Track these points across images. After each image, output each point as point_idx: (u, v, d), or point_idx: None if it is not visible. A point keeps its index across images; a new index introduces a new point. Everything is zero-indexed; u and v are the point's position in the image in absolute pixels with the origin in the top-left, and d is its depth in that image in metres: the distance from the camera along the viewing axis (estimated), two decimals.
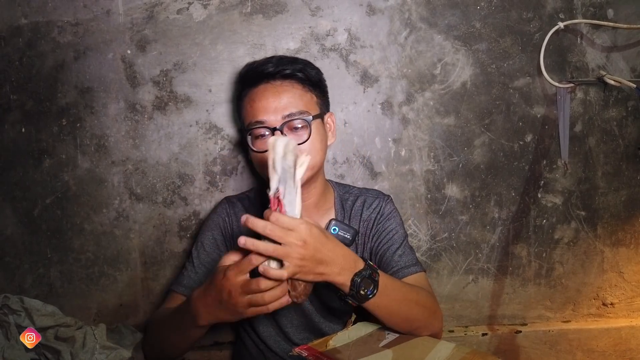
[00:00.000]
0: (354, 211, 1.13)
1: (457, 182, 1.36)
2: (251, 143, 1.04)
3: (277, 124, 1.00)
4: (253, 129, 1.03)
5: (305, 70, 1.05)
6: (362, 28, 1.30)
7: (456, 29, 1.32)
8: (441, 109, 1.34)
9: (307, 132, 1.02)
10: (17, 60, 1.24)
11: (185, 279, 1.10)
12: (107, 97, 1.27)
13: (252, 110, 1.03)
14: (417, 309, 0.95)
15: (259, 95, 1.03)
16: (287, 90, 1.02)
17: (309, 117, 1.02)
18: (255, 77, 1.05)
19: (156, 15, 1.26)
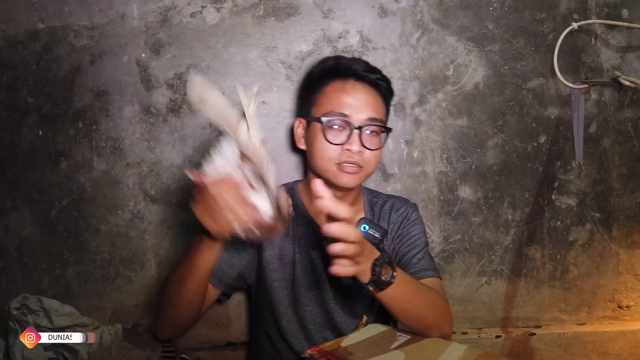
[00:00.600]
0: (382, 213, 1.15)
1: (470, 184, 1.36)
2: (325, 131, 1.04)
3: (360, 123, 1.03)
4: (332, 119, 1.03)
5: (388, 83, 1.10)
6: (374, 30, 1.31)
7: (469, 30, 1.32)
8: (454, 110, 1.33)
9: (379, 141, 1.06)
10: (35, 64, 1.27)
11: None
12: (122, 100, 1.29)
13: (337, 101, 1.04)
14: (430, 307, 0.96)
15: (348, 89, 1.05)
16: (374, 95, 1.06)
17: (388, 128, 1.08)
18: (346, 71, 1.06)
19: (170, 18, 1.27)
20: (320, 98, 1.08)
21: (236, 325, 1.36)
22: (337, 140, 1.03)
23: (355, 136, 1.02)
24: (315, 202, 0.74)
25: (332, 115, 1.04)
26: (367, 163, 1.05)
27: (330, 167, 1.05)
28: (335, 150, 1.04)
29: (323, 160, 1.05)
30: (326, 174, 1.06)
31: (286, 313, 1.12)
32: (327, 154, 1.04)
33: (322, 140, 1.04)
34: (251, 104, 0.82)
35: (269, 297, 1.12)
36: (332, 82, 1.07)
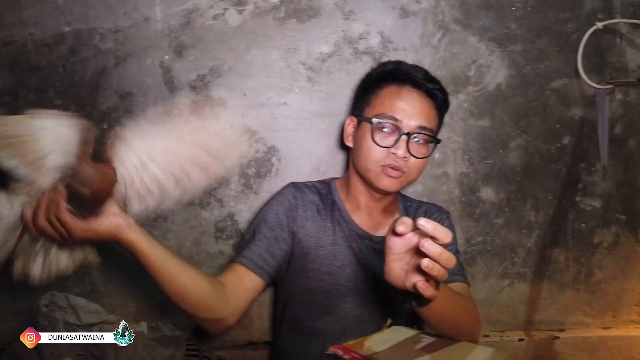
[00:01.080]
0: (417, 216, 1.15)
1: (492, 185, 1.35)
2: (373, 132, 1.05)
3: (410, 129, 1.04)
4: (383, 122, 1.05)
5: (445, 95, 1.10)
6: (395, 31, 1.31)
7: (491, 30, 1.31)
8: (475, 111, 1.32)
9: (426, 151, 1.07)
10: (61, 66, 1.29)
11: (250, 252, 1.09)
12: (145, 101, 1.30)
13: (390, 104, 1.05)
14: (465, 315, 0.96)
15: (403, 94, 1.06)
16: (429, 104, 1.07)
17: (437, 139, 1.08)
18: (405, 77, 1.07)
19: (193, 21, 1.29)
20: (374, 100, 1.10)
21: (257, 324, 1.37)
22: (384, 143, 1.04)
23: (403, 142, 1.03)
24: (418, 222, 0.72)
25: (383, 117, 1.05)
26: (410, 170, 1.06)
27: (373, 167, 1.06)
28: (381, 152, 1.05)
29: (368, 160, 1.07)
30: (368, 174, 1.07)
31: (323, 304, 1.12)
32: (373, 155, 1.06)
33: (370, 140, 1.06)
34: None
35: (303, 288, 1.13)
36: (389, 86, 1.08)
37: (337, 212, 1.15)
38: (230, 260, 1.16)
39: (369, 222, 1.15)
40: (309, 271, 1.12)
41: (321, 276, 1.12)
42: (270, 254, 1.10)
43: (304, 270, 1.13)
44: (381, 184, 1.06)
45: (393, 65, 1.12)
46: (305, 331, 1.15)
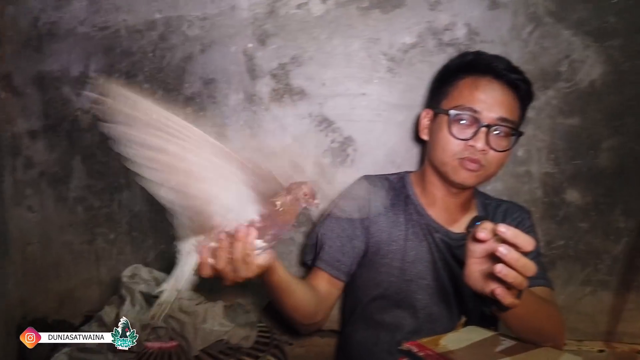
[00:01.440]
0: (496, 215, 1.13)
1: (579, 187, 1.28)
2: (450, 124, 1.03)
3: (490, 121, 1.00)
4: (461, 113, 1.02)
5: (528, 85, 1.05)
6: (482, 23, 1.26)
7: (587, 24, 1.23)
8: (565, 108, 1.26)
9: (507, 144, 1.02)
10: (151, 52, 1.35)
11: (326, 255, 1.12)
12: (228, 88, 1.34)
13: (469, 96, 1.02)
14: (548, 322, 0.93)
15: (483, 85, 1.02)
16: (510, 95, 1.02)
17: (516, 132, 1.03)
18: (485, 68, 1.04)
19: (277, 10, 1.30)
20: (452, 91, 1.06)
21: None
22: (462, 136, 1.01)
23: (482, 134, 0.99)
24: (498, 228, 0.72)
25: (461, 109, 1.02)
26: (489, 164, 1.02)
27: (450, 161, 1.03)
28: (458, 144, 1.02)
29: (445, 153, 1.04)
30: (445, 167, 1.05)
31: (392, 299, 1.12)
32: (450, 147, 1.03)
33: (447, 133, 1.03)
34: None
35: (373, 282, 1.13)
36: (468, 77, 1.05)
37: (411, 206, 1.14)
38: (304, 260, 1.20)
39: (445, 217, 1.13)
40: (380, 266, 1.12)
41: (392, 271, 1.11)
42: (344, 253, 1.11)
43: (375, 265, 1.13)
44: (458, 177, 1.03)
45: (472, 56, 1.08)
46: (374, 324, 1.15)
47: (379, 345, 1.14)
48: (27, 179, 1.40)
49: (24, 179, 1.40)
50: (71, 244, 1.42)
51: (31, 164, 1.39)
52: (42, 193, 1.41)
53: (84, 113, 1.36)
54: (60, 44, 1.34)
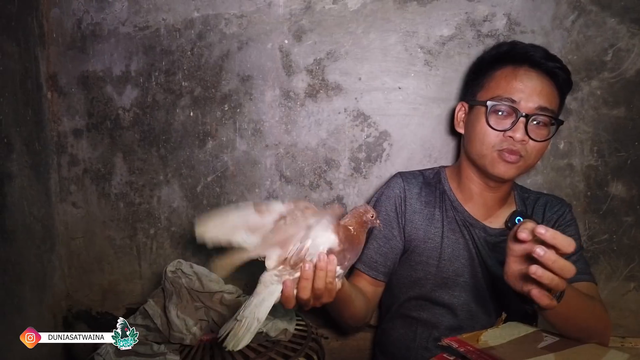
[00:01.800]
0: (536, 208, 1.11)
1: (624, 180, 1.24)
2: (488, 116, 1.02)
3: (529, 110, 0.99)
4: (498, 104, 1.01)
5: (567, 73, 1.03)
6: (523, 12, 1.23)
7: (634, 11, 1.19)
8: (610, 99, 1.22)
9: (548, 132, 1.01)
10: (189, 50, 1.37)
11: (365, 257, 1.13)
12: (264, 84, 1.35)
13: (506, 86, 1.01)
14: (593, 320, 0.91)
15: (521, 74, 1.01)
16: (549, 84, 1.01)
17: (559, 120, 1.02)
18: (521, 57, 1.03)
19: (313, 5, 1.31)
20: (489, 82, 1.05)
21: None
22: (500, 126, 1.00)
23: (521, 124, 0.98)
24: (537, 229, 0.71)
25: (499, 99, 1.00)
26: (529, 154, 1.00)
27: (489, 152, 1.02)
28: (496, 136, 1.00)
29: (483, 145, 1.02)
30: (482, 160, 1.03)
31: (429, 296, 1.11)
32: (488, 139, 1.01)
33: (484, 124, 1.01)
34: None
35: (410, 279, 1.13)
36: (505, 67, 1.03)
37: (448, 202, 1.13)
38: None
39: (483, 212, 1.11)
40: (416, 263, 1.11)
41: (429, 268, 1.11)
42: (382, 254, 1.12)
43: (411, 263, 1.12)
44: (497, 170, 1.01)
45: (508, 46, 1.06)
46: (411, 321, 1.15)
47: (417, 342, 1.13)
48: (72, 176, 1.45)
49: (68, 176, 1.45)
50: (113, 238, 1.47)
51: (75, 161, 1.44)
52: (85, 189, 1.45)
53: (125, 111, 1.40)
54: (103, 45, 1.38)
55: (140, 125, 1.40)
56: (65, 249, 1.47)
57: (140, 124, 1.40)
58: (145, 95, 1.39)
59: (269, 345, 1.13)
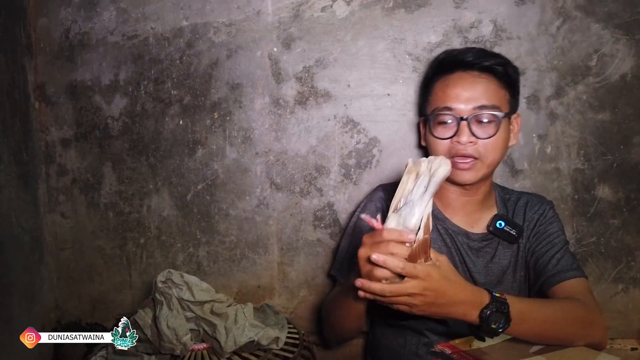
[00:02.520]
0: (517, 209, 1.11)
1: (610, 183, 1.26)
2: (432, 128, 1.05)
3: (466, 114, 1.00)
4: (438, 115, 1.03)
5: (505, 65, 1.03)
6: (509, 19, 1.25)
7: (617, 17, 1.21)
8: (595, 103, 1.24)
9: (494, 128, 1.00)
10: (178, 59, 1.37)
11: (347, 269, 1.14)
12: (254, 92, 1.35)
13: (442, 96, 1.04)
14: (567, 326, 0.90)
15: (453, 82, 1.03)
16: (483, 82, 1.01)
17: (500, 114, 1.01)
18: (452, 65, 1.05)
19: (302, 13, 1.32)
20: (430, 96, 1.08)
21: None
22: (445, 135, 1.02)
23: (464, 127, 0.99)
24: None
25: (438, 110, 1.03)
26: (484, 153, 1.01)
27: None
28: (445, 144, 1.03)
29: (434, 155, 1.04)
30: None
31: None
32: (440, 149, 1.04)
33: (432, 137, 1.05)
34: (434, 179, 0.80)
35: None
36: (441, 78, 1.06)
37: None
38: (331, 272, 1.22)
39: (464, 218, 1.11)
40: None
41: None
42: None
43: None
44: (457, 177, 1.03)
45: (442, 56, 1.09)
46: (401, 328, 1.15)
47: (407, 348, 1.14)
48: (60, 186, 1.44)
49: (57, 186, 1.44)
50: (103, 248, 1.46)
51: (64, 171, 1.43)
52: (74, 199, 1.44)
53: (114, 120, 1.39)
54: (92, 54, 1.37)
55: (129, 134, 1.40)
56: (54, 259, 1.46)
57: (130, 132, 1.40)
58: (134, 104, 1.39)
59: (261, 354, 1.13)
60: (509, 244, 1.08)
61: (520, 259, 1.09)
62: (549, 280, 1.00)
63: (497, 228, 1.05)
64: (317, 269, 1.39)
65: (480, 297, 0.84)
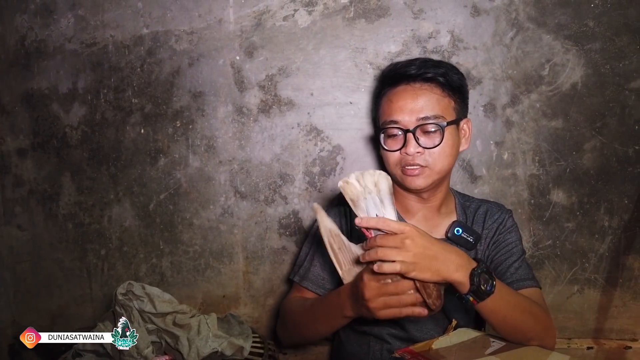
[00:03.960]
0: (476, 217, 1.13)
1: (564, 188, 1.30)
2: (383, 142, 1.08)
3: (411, 125, 1.02)
4: (387, 128, 1.06)
5: (447, 74, 1.05)
6: (465, 30, 1.29)
7: (567, 28, 1.26)
8: (548, 111, 1.29)
9: (439, 137, 1.03)
10: (139, 67, 1.35)
11: (312, 274, 1.15)
12: (217, 100, 1.35)
13: (388, 110, 1.06)
14: (530, 319, 0.94)
15: (397, 95, 1.05)
16: (425, 93, 1.04)
17: (443, 123, 1.02)
18: (397, 78, 1.07)
19: (264, 22, 1.32)
20: (379, 110, 1.12)
21: None
22: (394, 147, 1.05)
23: (410, 139, 1.02)
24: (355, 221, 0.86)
25: (386, 124, 1.06)
26: (432, 162, 1.03)
27: (396, 171, 1.07)
28: (396, 155, 1.06)
29: (389, 166, 1.08)
30: (395, 179, 1.08)
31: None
32: (390, 160, 1.07)
33: (382, 149, 1.08)
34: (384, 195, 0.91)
35: None
36: (386, 92, 1.09)
37: None
38: (292, 277, 1.21)
39: (424, 224, 1.13)
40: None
41: None
42: (328, 271, 1.13)
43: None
44: (408, 183, 1.06)
45: (387, 69, 1.12)
46: (363, 335, 1.16)
47: (370, 355, 1.14)
48: (17, 197, 1.39)
49: (13, 197, 1.39)
50: (62, 261, 1.42)
51: (20, 182, 1.39)
52: (31, 211, 1.40)
53: (73, 130, 1.36)
54: (48, 62, 1.34)
55: (88, 144, 1.37)
56: (10, 273, 1.41)
57: (89, 142, 1.37)
58: (93, 112, 1.36)
59: None
60: (466, 251, 1.10)
61: None
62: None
63: (455, 234, 1.08)
64: (283, 277, 1.39)
65: (469, 260, 0.87)
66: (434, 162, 1.04)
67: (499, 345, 0.98)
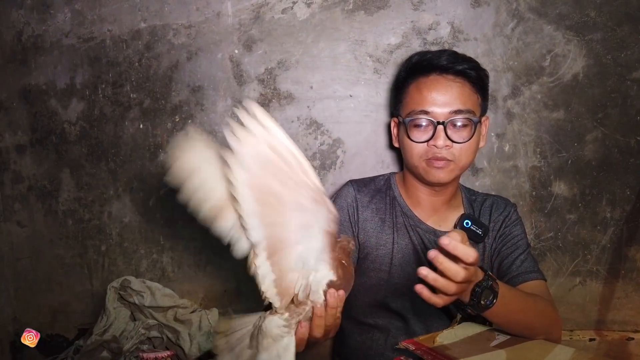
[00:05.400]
0: (483, 210, 1.13)
1: (566, 179, 1.30)
2: (408, 131, 1.05)
3: (442, 117, 1.00)
4: (415, 118, 1.03)
5: (477, 70, 1.04)
6: (466, 21, 1.27)
7: (568, 19, 1.25)
8: (549, 102, 1.28)
9: (469, 132, 1.02)
10: (137, 61, 1.34)
11: None
12: (216, 94, 1.34)
13: (418, 98, 1.03)
14: (537, 318, 0.93)
15: (428, 85, 1.03)
16: (458, 85, 1.02)
17: (475, 118, 1.02)
18: (428, 67, 1.04)
19: (262, 15, 1.31)
20: (405, 98, 1.08)
21: None
22: (422, 138, 1.03)
23: (440, 131, 1.01)
24: (440, 241, 0.74)
25: (414, 114, 1.03)
26: (458, 156, 1.02)
27: (419, 163, 1.05)
28: (422, 147, 1.03)
29: (412, 157, 1.06)
30: (416, 170, 1.07)
31: (383, 302, 1.12)
32: (415, 151, 1.04)
33: (408, 139, 1.05)
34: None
35: (364, 287, 1.13)
36: (416, 80, 1.06)
37: (398, 207, 1.14)
38: None
39: (432, 216, 1.13)
40: (369, 270, 1.12)
41: (381, 275, 1.12)
42: None
43: (364, 270, 1.13)
44: (431, 177, 1.04)
45: (417, 57, 1.09)
46: (367, 327, 1.15)
47: (374, 349, 1.14)
48: (16, 193, 1.39)
49: (12, 194, 1.39)
50: (62, 257, 1.41)
51: (19, 178, 1.38)
52: (31, 207, 1.40)
53: (71, 125, 1.36)
54: (46, 57, 1.33)
55: (87, 139, 1.36)
56: (10, 270, 1.41)
57: (88, 137, 1.36)
58: (91, 108, 1.35)
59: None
60: (475, 243, 1.10)
61: (486, 258, 1.11)
62: (513, 280, 1.03)
63: (464, 227, 1.07)
64: None
65: (476, 272, 0.84)
66: (460, 157, 1.03)
67: (503, 337, 0.97)
